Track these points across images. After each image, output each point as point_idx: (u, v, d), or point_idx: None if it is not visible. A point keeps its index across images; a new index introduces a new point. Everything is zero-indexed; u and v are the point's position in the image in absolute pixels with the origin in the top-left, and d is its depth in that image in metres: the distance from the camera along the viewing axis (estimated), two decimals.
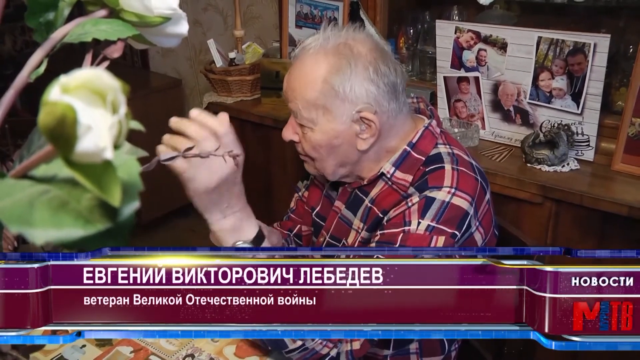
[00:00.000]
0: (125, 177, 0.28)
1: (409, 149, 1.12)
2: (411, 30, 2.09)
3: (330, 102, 1.07)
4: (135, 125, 0.31)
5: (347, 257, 1.17)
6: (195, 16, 2.92)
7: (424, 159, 1.10)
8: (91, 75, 0.27)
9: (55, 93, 0.26)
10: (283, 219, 1.45)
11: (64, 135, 0.26)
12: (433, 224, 1.03)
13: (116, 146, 0.27)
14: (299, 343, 1.00)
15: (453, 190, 1.04)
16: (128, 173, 0.29)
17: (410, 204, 1.06)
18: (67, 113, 0.26)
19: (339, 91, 1.06)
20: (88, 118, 0.26)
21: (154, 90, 3.06)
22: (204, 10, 2.89)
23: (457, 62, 1.81)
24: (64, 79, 0.27)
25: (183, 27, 0.53)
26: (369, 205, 1.14)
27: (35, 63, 0.47)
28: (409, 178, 1.09)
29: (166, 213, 3.23)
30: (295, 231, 1.41)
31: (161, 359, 1.12)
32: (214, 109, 2.30)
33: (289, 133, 1.16)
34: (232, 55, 2.23)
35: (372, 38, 1.12)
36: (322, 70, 1.06)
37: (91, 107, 0.26)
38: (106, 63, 0.50)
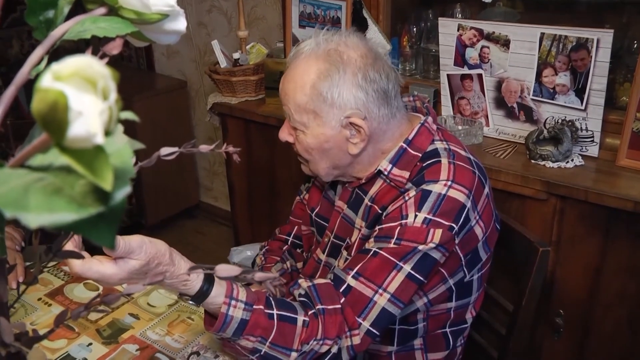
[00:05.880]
0: (118, 163, 0.29)
1: (405, 145, 1.12)
2: (414, 29, 2.10)
3: (319, 107, 1.08)
4: (128, 115, 0.32)
5: (348, 254, 1.18)
6: (199, 18, 2.94)
7: (420, 155, 1.11)
8: (82, 62, 0.28)
9: (47, 80, 0.27)
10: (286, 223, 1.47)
11: (55, 121, 0.27)
12: (430, 216, 1.03)
13: (107, 132, 0.28)
14: (294, 355, 1.00)
15: (449, 183, 1.05)
16: (121, 160, 0.29)
17: (407, 197, 1.06)
18: (58, 99, 0.26)
19: (326, 97, 1.07)
20: (79, 104, 0.27)
21: (159, 92, 3.08)
22: (208, 12, 2.90)
23: (460, 59, 1.81)
24: (55, 66, 0.28)
25: (181, 24, 0.54)
26: (369, 203, 1.14)
27: (35, 60, 0.48)
28: (406, 174, 1.10)
29: (172, 214, 3.25)
30: (294, 232, 1.42)
31: (167, 356, 1.13)
32: (218, 109, 2.31)
33: (285, 134, 1.18)
34: (236, 55, 2.24)
35: (366, 42, 1.13)
36: (312, 76, 1.08)
37: (82, 93, 0.27)
38: (105, 60, 0.51)
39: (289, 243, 1.42)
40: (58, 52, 0.45)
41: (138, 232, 0.99)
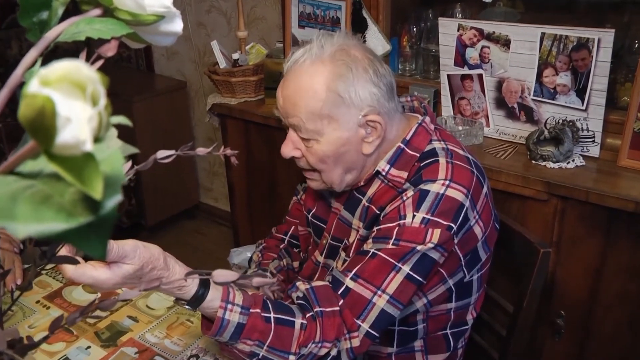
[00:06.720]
0: (109, 170, 0.28)
1: (403, 145, 1.12)
2: (414, 29, 2.09)
3: (335, 109, 1.06)
4: (121, 120, 0.31)
5: (347, 255, 1.18)
6: (199, 18, 2.93)
7: (418, 155, 1.10)
8: (70, 67, 0.27)
9: (34, 85, 0.26)
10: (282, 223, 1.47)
11: (43, 127, 0.26)
12: (428, 216, 1.02)
13: (97, 139, 0.27)
14: (292, 358, 1.00)
15: (447, 183, 1.04)
16: (111, 167, 0.29)
17: (405, 197, 1.06)
18: (46, 105, 0.26)
19: (344, 97, 1.06)
20: (67, 110, 0.26)
21: (159, 93, 3.07)
22: (207, 12, 2.90)
23: (461, 59, 1.80)
24: (43, 71, 0.27)
25: (177, 25, 0.53)
26: (367, 204, 1.14)
27: (29, 62, 0.47)
28: (404, 175, 1.09)
29: (172, 215, 3.24)
30: (291, 232, 1.42)
31: (166, 359, 1.12)
32: (218, 110, 2.30)
33: (289, 149, 1.14)
34: (235, 56, 2.23)
35: (360, 41, 1.13)
36: (324, 79, 1.06)
37: (70, 99, 0.26)
38: (101, 62, 0.50)
39: (285, 242, 1.42)
40: (57, 53, 0.44)
41: (138, 232, 0.99)
